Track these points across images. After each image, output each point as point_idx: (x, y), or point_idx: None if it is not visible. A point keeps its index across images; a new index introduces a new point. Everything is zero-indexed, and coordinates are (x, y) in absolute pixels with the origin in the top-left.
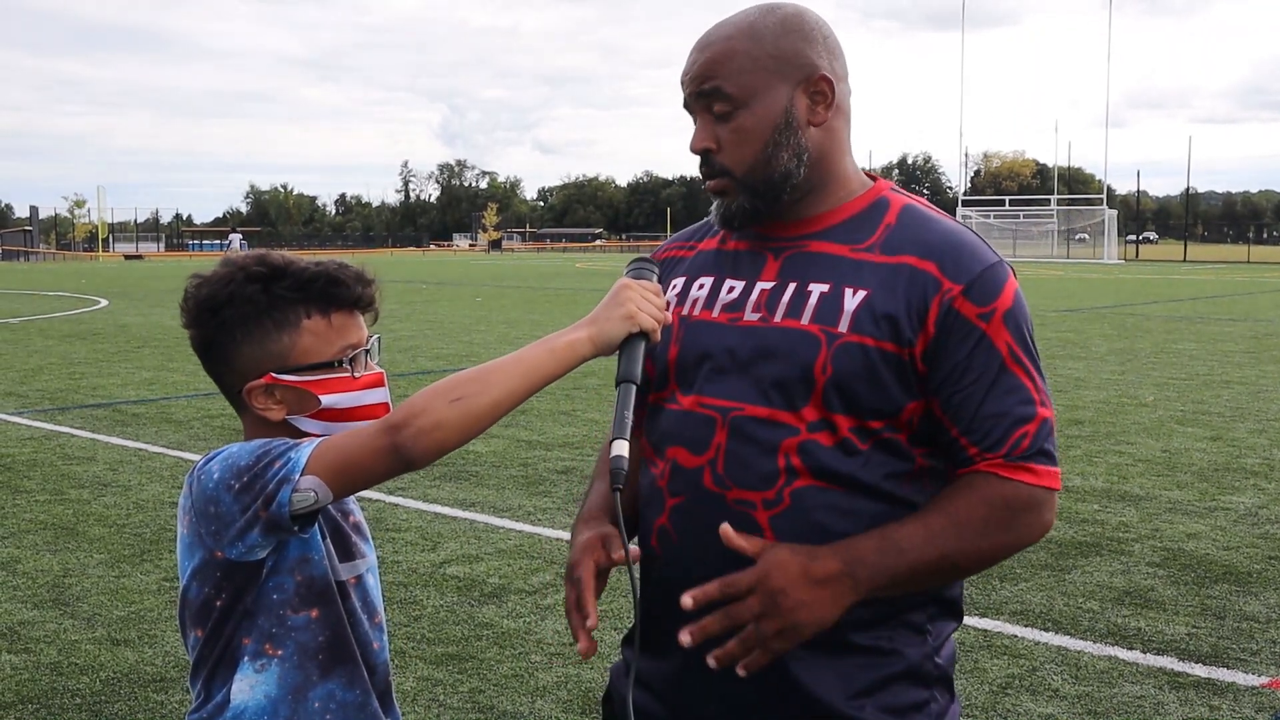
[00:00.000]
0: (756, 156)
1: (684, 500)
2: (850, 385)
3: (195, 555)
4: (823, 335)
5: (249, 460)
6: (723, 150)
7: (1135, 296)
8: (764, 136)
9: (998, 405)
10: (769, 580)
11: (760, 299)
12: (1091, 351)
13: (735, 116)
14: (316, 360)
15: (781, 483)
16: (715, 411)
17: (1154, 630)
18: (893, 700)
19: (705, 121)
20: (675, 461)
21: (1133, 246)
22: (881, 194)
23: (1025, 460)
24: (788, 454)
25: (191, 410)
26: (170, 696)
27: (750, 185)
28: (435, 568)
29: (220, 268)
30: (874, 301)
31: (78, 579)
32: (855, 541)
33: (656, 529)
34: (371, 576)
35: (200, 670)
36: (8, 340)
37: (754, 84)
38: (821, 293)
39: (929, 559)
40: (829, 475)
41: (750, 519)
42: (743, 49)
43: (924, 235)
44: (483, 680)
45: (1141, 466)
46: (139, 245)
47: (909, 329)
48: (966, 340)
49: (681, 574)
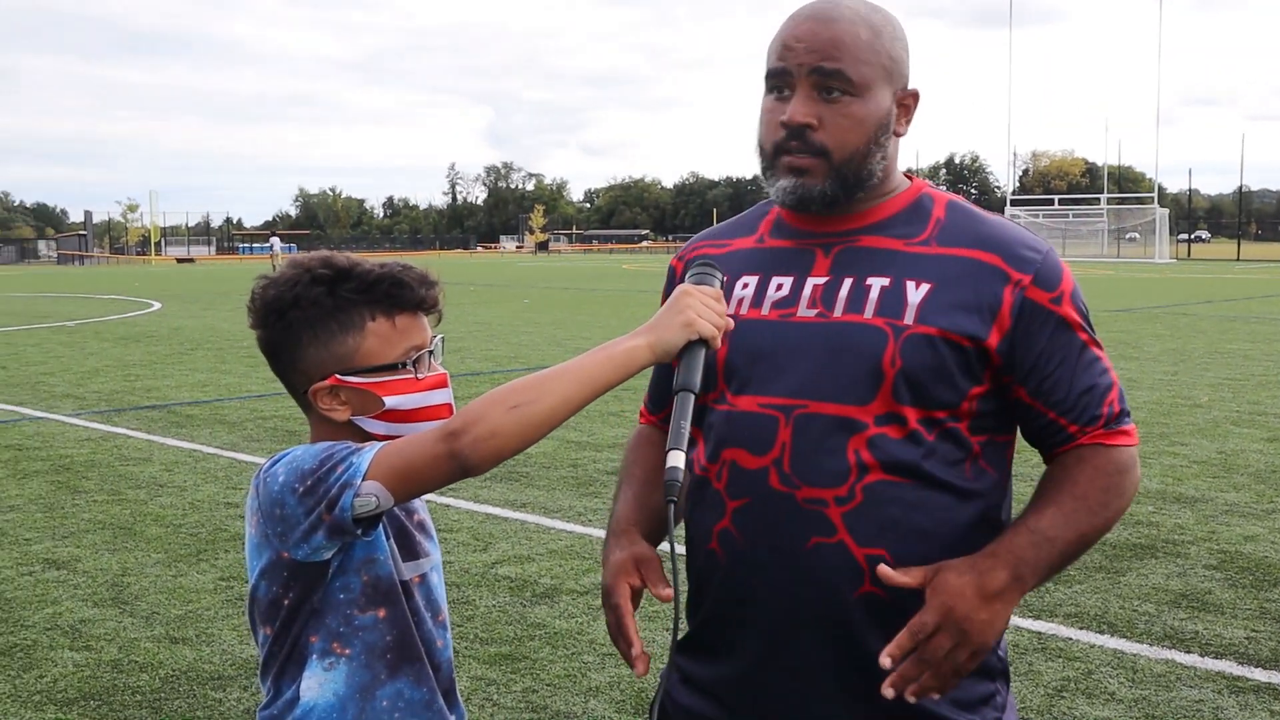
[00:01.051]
0: (858, 147)
1: (749, 502)
2: (919, 377)
3: (263, 555)
4: (889, 328)
5: (313, 464)
6: (825, 130)
7: (1188, 296)
8: (869, 130)
9: (1086, 381)
10: (952, 613)
11: (815, 294)
12: (1144, 352)
13: (847, 103)
14: (380, 362)
15: (853, 479)
16: (777, 410)
17: (1212, 634)
18: (963, 694)
19: (809, 95)
20: (735, 463)
21: (1184, 245)
22: (922, 190)
23: (1119, 425)
24: (858, 449)
25: (244, 411)
26: (228, 694)
27: (843, 173)
28: (487, 568)
29: (287, 269)
30: (939, 294)
31: (136, 578)
32: (1009, 542)
33: (717, 533)
34: (435, 575)
35: (270, 667)
36: (65, 343)
37: (870, 78)
38: (883, 286)
39: (1070, 541)
40: (899, 468)
41: (822, 516)
42: (867, 40)
43: (978, 229)
44: (535, 680)
45: (1197, 468)
46: (190, 249)
47: (980, 321)
48: (1045, 326)
49: (749, 576)
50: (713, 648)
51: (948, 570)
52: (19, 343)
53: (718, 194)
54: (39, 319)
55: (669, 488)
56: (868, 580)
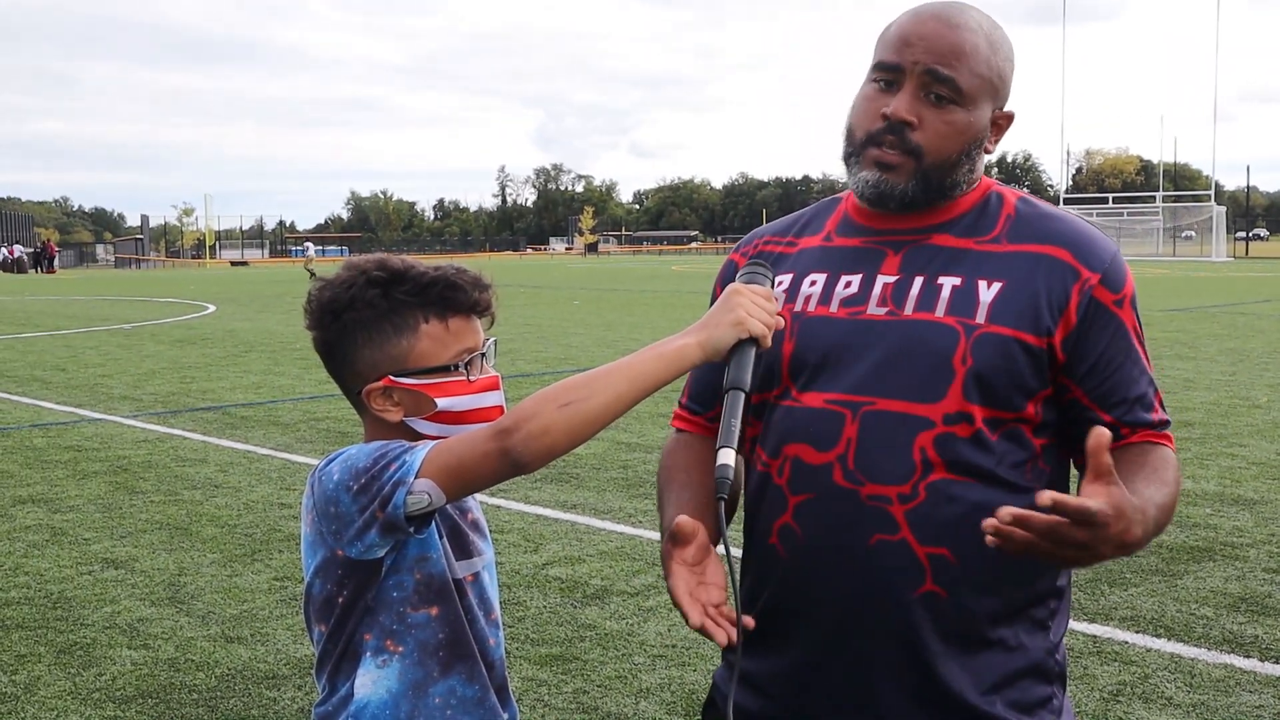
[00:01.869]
0: (952, 154)
1: (812, 498)
2: (989, 376)
3: (318, 553)
4: (960, 327)
5: (366, 462)
6: (923, 130)
7: (1246, 295)
8: (965, 141)
9: (1138, 388)
10: (1108, 529)
11: (885, 293)
12: (1201, 352)
13: (952, 110)
14: (433, 364)
15: (918, 476)
16: (843, 407)
17: (1272, 638)
18: (1020, 696)
19: (915, 94)
20: (798, 459)
21: (1242, 244)
22: (991, 188)
23: (1164, 429)
24: (924, 447)
25: (297, 413)
26: (282, 693)
27: (930, 177)
28: (538, 569)
29: (343, 271)
30: (1010, 292)
31: (192, 577)
32: (1145, 508)
33: (778, 528)
34: (488, 573)
35: (325, 664)
36: (122, 345)
37: (978, 91)
38: (954, 286)
39: (1161, 523)
40: (964, 468)
41: (885, 514)
42: (984, 53)
43: (1050, 226)
44: (586, 681)
45: (1255, 470)
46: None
47: (1048, 317)
48: (1107, 328)
49: (809, 571)
50: (767, 643)
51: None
52: (78, 345)
53: (767, 194)
54: (98, 322)
55: (720, 485)
56: (929, 579)
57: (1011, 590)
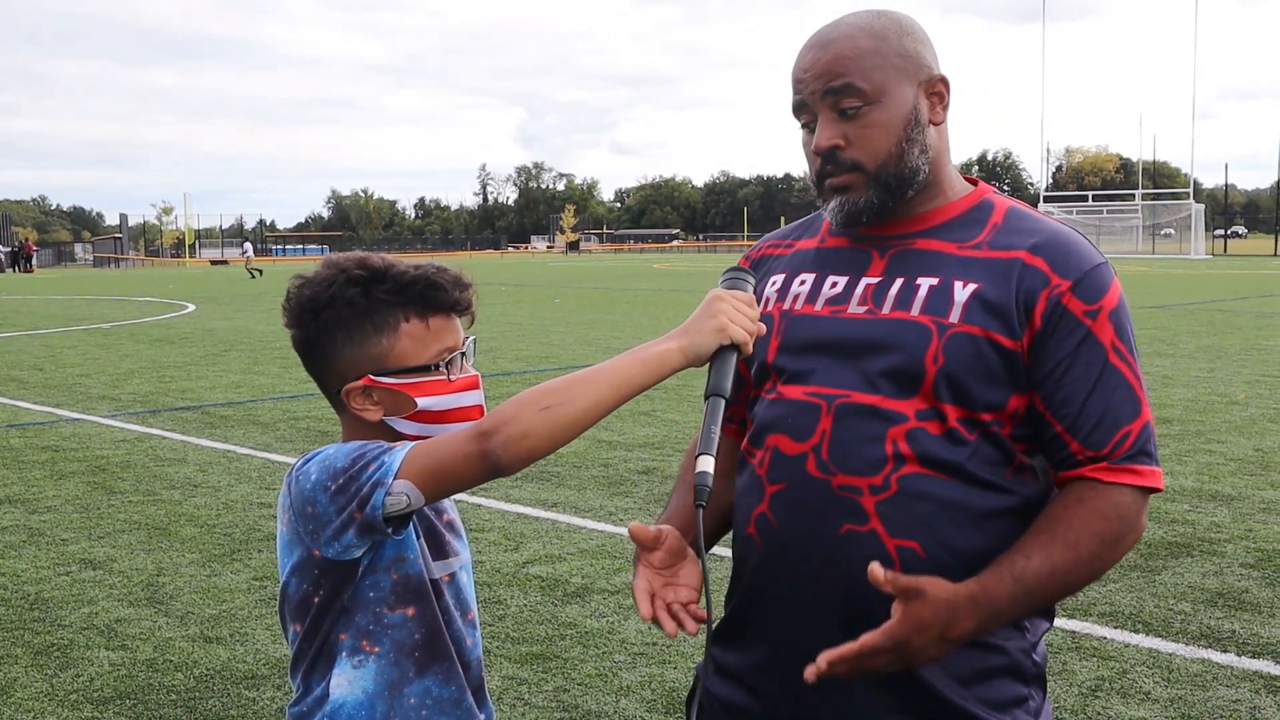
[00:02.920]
0: (890, 151)
1: (786, 487)
2: (961, 375)
3: (294, 553)
4: (933, 325)
5: (345, 462)
6: (853, 146)
7: (1224, 292)
8: (897, 132)
9: (1101, 402)
10: (908, 645)
11: (866, 293)
12: (1179, 349)
13: (866, 113)
14: (413, 363)
15: (889, 469)
16: (820, 399)
17: (1249, 633)
18: (994, 694)
19: (830, 119)
20: (776, 449)
21: (1221, 241)
22: (985, 196)
23: (1128, 461)
24: (895, 440)
25: (277, 412)
26: (261, 693)
27: (883, 179)
28: (518, 568)
29: (322, 269)
30: (984, 293)
31: (171, 578)
32: (992, 589)
33: (755, 517)
34: (465, 574)
35: (300, 664)
36: (100, 345)
37: (884, 81)
38: (931, 286)
39: (1052, 594)
40: (936, 463)
41: (856, 505)
42: (870, 47)
43: (1033, 233)
44: (567, 679)
45: (1233, 466)
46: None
47: (1017, 321)
48: (1072, 336)
49: (781, 560)
50: (744, 634)
51: (925, 603)
52: (56, 345)
53: (748, 193)
54: (76, 321)
55: (699, 492)
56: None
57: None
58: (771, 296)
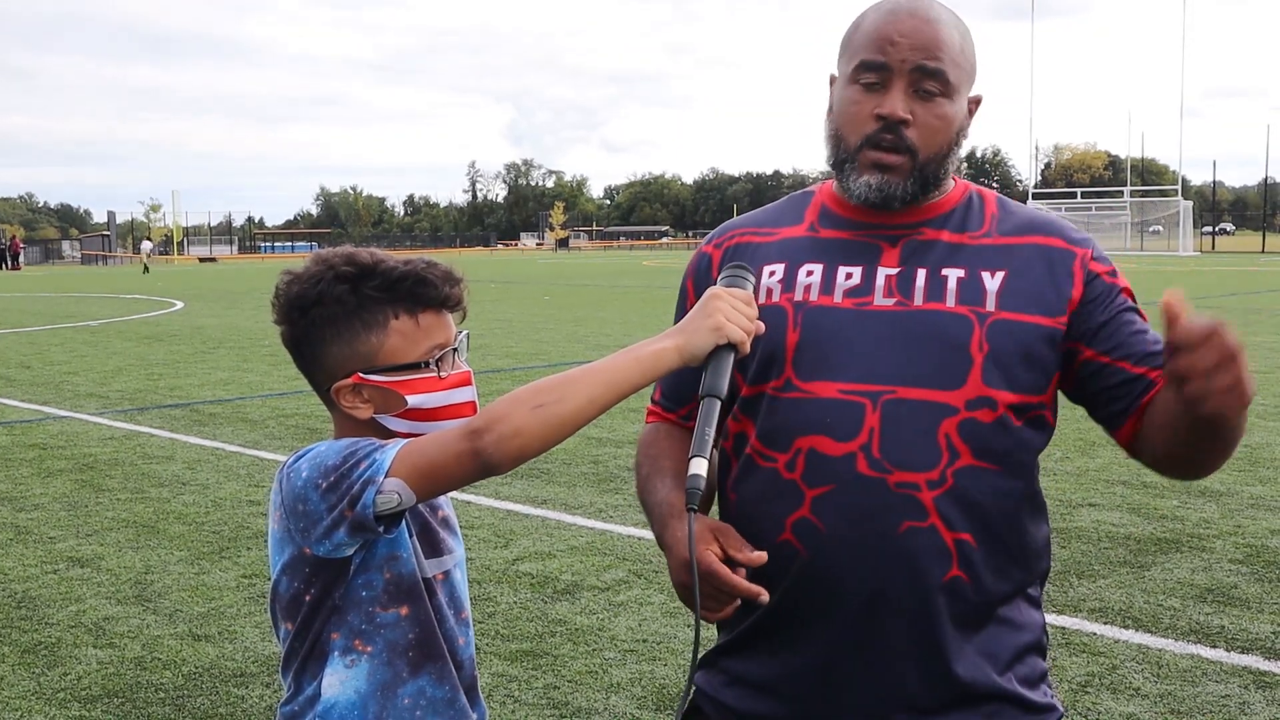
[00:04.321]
0: (943, 147)
1: (833, 489)
2: (1007, 360)
3: (285, 551)
4: (973, 315)
5: (336, 460)
6: (917, 128)
7: (1212, 289)
8: (952, 131)
9: (1153, 340)
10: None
11: (889, 284)
12: None
13: (940, 103)
14: (403, 360)
15: (945, 462)
16: (862, 396)
17: (1238, 628)
18: (1028, 671)
19: (905, 92)
20: (814, 450)
21: (1209, 238)
22: (969, 190)
23: None
24: (949, 433)
25: (266, 410)
26: (250, 691)
27: (927, 172)
28: (508, 565)
29: (311, 265)
30: (1014, 280)
31: (159, 575)
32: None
33: (791, 524)
34: (459, 572)
35: (291, 663)
36: (88, 343)
37: (959, 81)
38: (959, 277)
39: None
40: (988, 454)
41: (915, 500)
42: (959, 44)
43: (1029, 218)
44: (557, 676)
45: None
46: (213, 248)
47: (1057, 297)
48: (1111, 294)
49: (834, 563)
50: (776, 643)
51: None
52: (43, 343)
53: (738, 190)
54: (63, 319)
55: (691, 495)
56: (955, 564)
57: (1020, 571)
58: (774, 287)
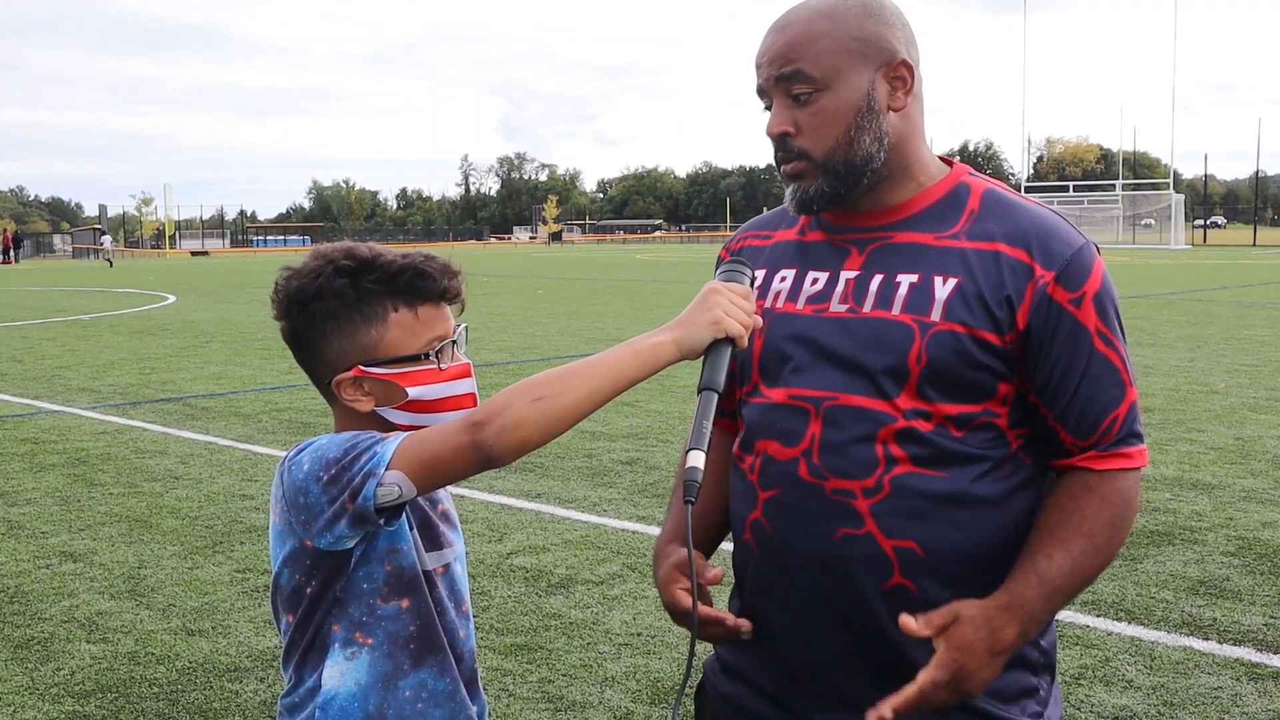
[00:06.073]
0: (838, 140)
1: (779, 493)
2: (945, 373)
3: (287, 543)
4: (915, 325)
5: (337, 453)
6: (802, 134)
7: (1204, 282)
8: (846, 120)
9: (1089, 390)
10: (962, 670)
11: (847, 289)
12: (1160, 338)
13: (816, 99)
14: (403, 353)
15: (881, 470)
16: (807, 403)
17: (1230, 621)
18: (1003, 686)
19: (783, 105)
20: (766, 455)
21: (1200, 231)
22: (960, 179)
23: (1118, 446)
24: (885, 441)
25: (259, 404)
26: (244, 686)
27: (831, 169)
28: (503, 558)
29: (310, 260)
30: (965, 289)
31: (152, 570)
32: (1020, 593)
33: (750, 524)
34: (459, 565)
35: (292, 655)
36: (80, 337)
37: (836, 66)
38: (911, 283)
39: (1076, 588)
40: (928, 461)
41: (850, 508)
42: (824, 30)
43: (1011, 221)
44: (551, 670)
45: (1213, 455)
46: (205, 242)
47: (1004, 315)
48: (1060, 327)
49: (778, 565)
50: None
51: (963, 624)
52: (35, 337)
53: (731, 183)
54: (55, 313)
55: (688, 488)
56: (897, 572)
57: (985, 581)
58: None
